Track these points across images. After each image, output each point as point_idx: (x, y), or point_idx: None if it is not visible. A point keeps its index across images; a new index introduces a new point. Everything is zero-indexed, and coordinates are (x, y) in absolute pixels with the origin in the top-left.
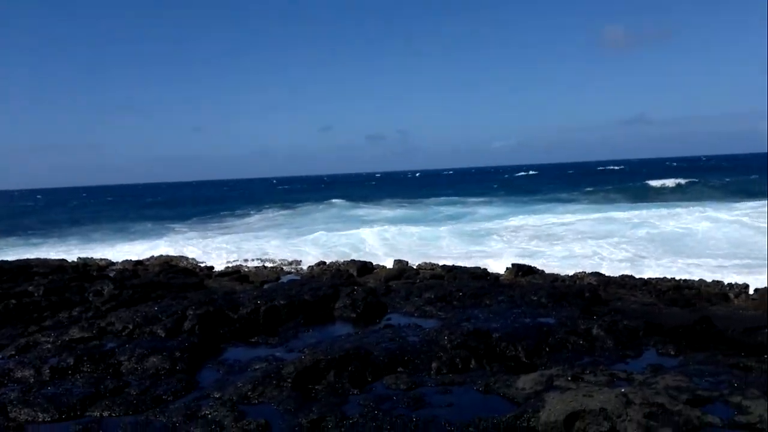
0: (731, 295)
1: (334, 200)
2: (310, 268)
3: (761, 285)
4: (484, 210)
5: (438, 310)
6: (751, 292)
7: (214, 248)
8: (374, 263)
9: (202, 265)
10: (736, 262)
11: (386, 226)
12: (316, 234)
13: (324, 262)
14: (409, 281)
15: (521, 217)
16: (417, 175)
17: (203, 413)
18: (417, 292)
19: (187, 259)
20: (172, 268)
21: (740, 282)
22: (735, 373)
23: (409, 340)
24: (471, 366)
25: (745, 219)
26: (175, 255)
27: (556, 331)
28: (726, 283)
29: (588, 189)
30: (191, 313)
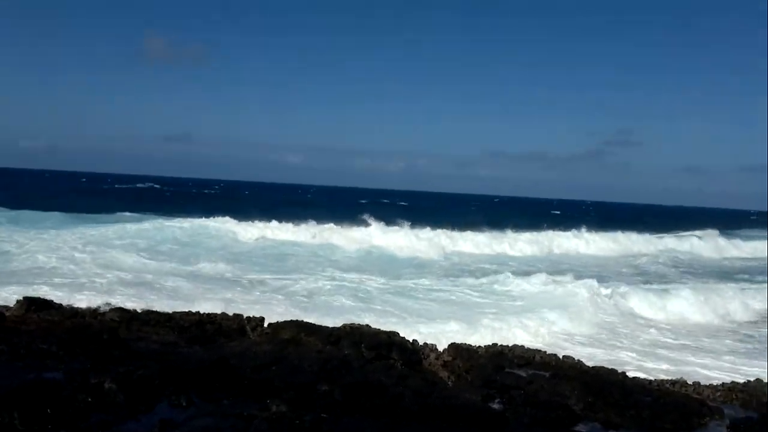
0: (248, 329)
1: None
2: None
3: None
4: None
5: None
6: (265, 324)
7: None
8: None
9: None
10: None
11: None
12: None
13: None
14: None
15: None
16: None
17: None
18: None
19: None
20: None
21: (257, 315)
22: (238, 426)
23: None
24: None
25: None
26: None
27: (65, 387)
28: (245, 316)
29: None
30: None
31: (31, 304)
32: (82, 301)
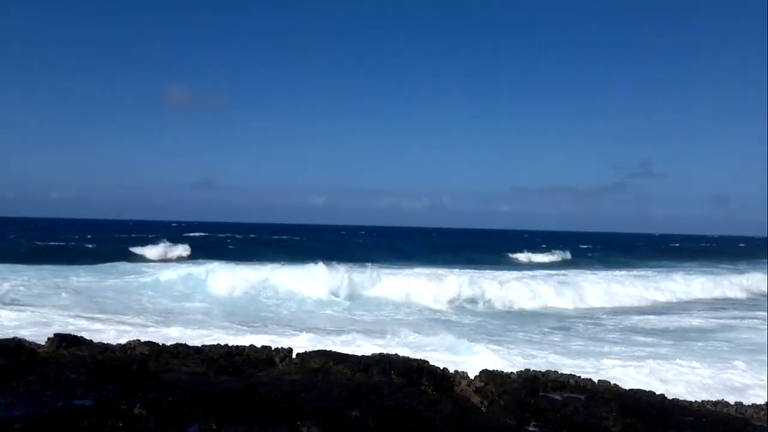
0: (277, 360)
1: None
2: None
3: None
4: None
5: None
6: (293, 356)
7: None
8: None
9: None
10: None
11: None
12: None
13: None
14: None
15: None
16: None
17: None
18: None
19: None
20: None
21: (285, 347)
22: None
23: None
24: None
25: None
26: None
27: (94, 414)
28: (273, 348)
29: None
30: None
31: (62, 340)
32: (113, 336)
